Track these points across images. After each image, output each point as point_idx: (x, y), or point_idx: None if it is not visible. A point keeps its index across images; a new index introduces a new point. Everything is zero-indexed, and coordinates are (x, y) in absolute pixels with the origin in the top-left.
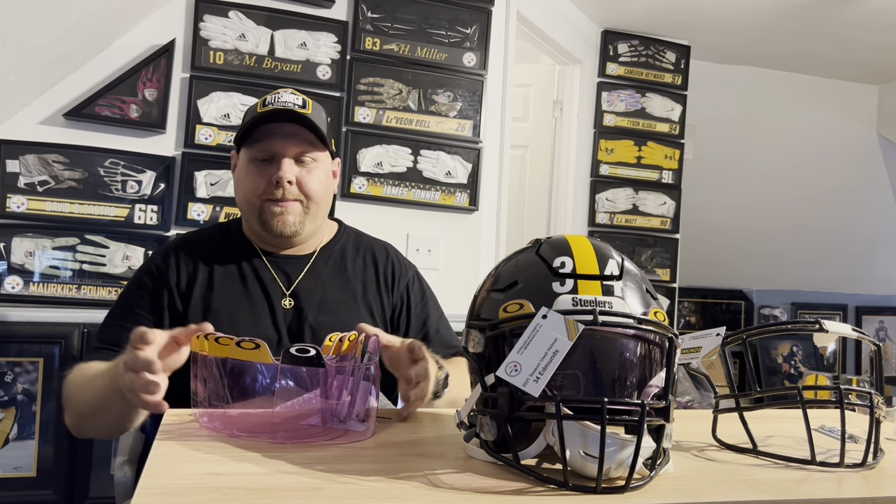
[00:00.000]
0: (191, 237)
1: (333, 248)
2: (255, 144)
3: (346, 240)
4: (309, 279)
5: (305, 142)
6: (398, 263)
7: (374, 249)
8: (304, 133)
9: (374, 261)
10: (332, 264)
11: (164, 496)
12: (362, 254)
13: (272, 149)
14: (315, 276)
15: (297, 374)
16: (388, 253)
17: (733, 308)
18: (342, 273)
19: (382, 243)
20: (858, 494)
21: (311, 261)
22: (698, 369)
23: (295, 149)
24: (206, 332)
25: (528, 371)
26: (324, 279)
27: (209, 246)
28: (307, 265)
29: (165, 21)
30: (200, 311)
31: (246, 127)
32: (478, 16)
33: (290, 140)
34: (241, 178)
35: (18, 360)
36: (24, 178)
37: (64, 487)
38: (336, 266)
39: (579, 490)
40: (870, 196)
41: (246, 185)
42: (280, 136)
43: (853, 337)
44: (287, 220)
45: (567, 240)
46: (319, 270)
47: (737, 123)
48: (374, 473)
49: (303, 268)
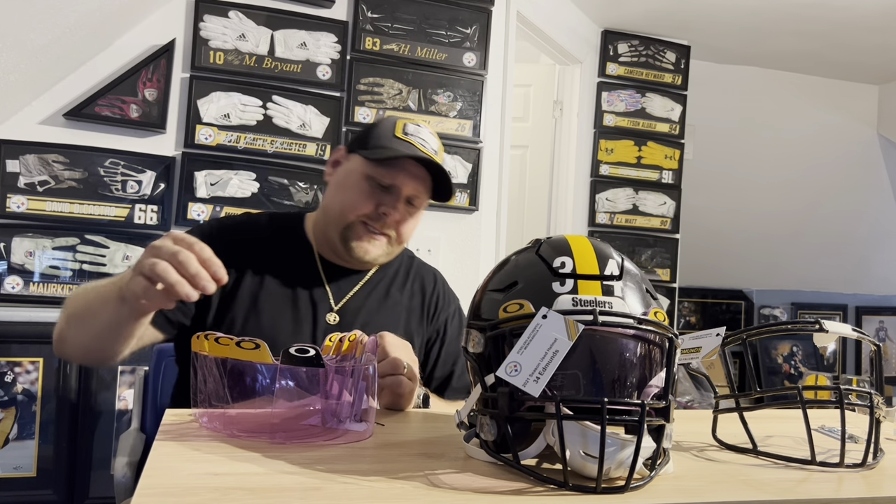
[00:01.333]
0: (252, 222)
1: (388, 269)
2: (381, 168)
3: (401, 263)
4: (358, 298)
5: (425, 188)
6: (443, 295)
7: (423, 277)
8: (427, 180)
9: (421, 289)
10: (382, 287)
11: (164, 496)
12: (412, 280)
13: (396, 181)
14: (365, 296)
15: (297, 374)
16: (437, 282)
17: (733, 308)
18: (391, 298)
19: (432, 271)
20: (858, 494)
21: (366, 279)
22: (698, 369)
23: (413, 191)
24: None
25: (528, 371)
26: (372, 301)
27: (268, 239)
28: (360, 283)
29: (165, 21)
30: (246, 306)
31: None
32: (478, 16)
33: (414, 181)
34: (347, 187)
35: (18, 360)
36: (24, 178)
37: (64, 487)
38: (386, 289)
39: (579, 490)
40: (870, 196)
41: (350, 197)
42: (408, 173)
43: (853, 337)
44: (370, 250)
45: (567, 240)
46: (371, 291)
47: (737, 123)
48: (374, 473)
49: (355, 284)
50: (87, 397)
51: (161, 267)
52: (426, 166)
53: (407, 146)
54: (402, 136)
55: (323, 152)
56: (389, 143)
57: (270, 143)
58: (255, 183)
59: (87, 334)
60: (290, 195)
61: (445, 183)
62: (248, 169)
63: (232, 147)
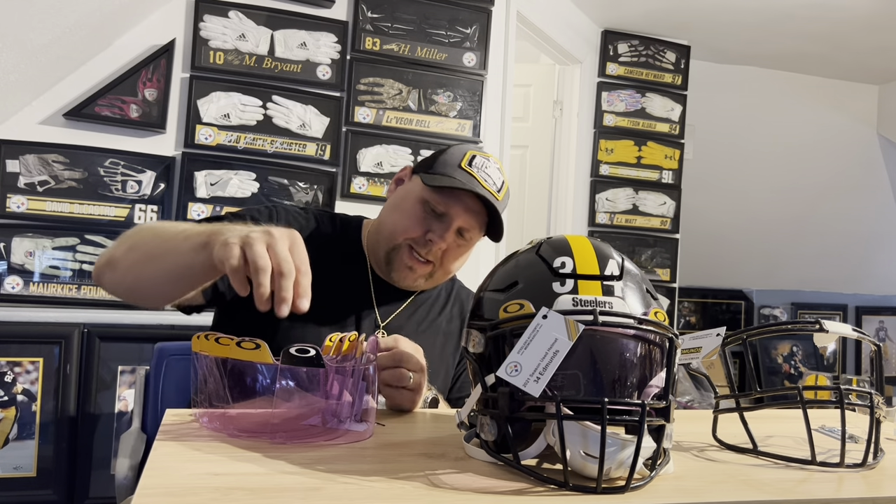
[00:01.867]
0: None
1: (432, 291)
2: (438, 195)
3: (443, 284)
4: (401, 318)
5: (479, 223)
6: None
7: (463, 301)
8: (483, 216)
9: (461, 313)
10: (424, 310)
11: (164, 496)
12: (451, 304)
13: (449, 210)
14: (407, 317)
15: (297, 374)
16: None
17: (733, 308)
18: (430, 320)
19: (471, 294)
20: (859, 494)
21: (410, 300)
22: (698, 369)
23: (466, 223)
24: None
25: (528, 371)
26: (412, 323)
27: (332, 242)
28: (405, 303)
29: (165, 21)
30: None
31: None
32: (478, 16)
33: (468, 214)
34: (402, 209)
35: (18, 360)
36: (24, 178)
37: (64, 487)
38: (427, 311)
39: (579, 490)
40: (870, 196)
41: (403, 219)
42: (464, 205)
43: (853, 337)
44: (411, 277)
45: (567, 240)
46: (413, 313)
47: (737, 123)
48: (374, 473)
49: (400, 304)
50: (88, 397)
51: (262, 263)
52: (484, 202)
53: (468, 179)
54: (467, 167)
55: (323, 152)
56: (452, 171)
57: (270, 143)
58: (254, 183)
59: (147, 267)
60: (290, 195)
61: (499, 223)
62: (248, 169)
63: (232, 147)
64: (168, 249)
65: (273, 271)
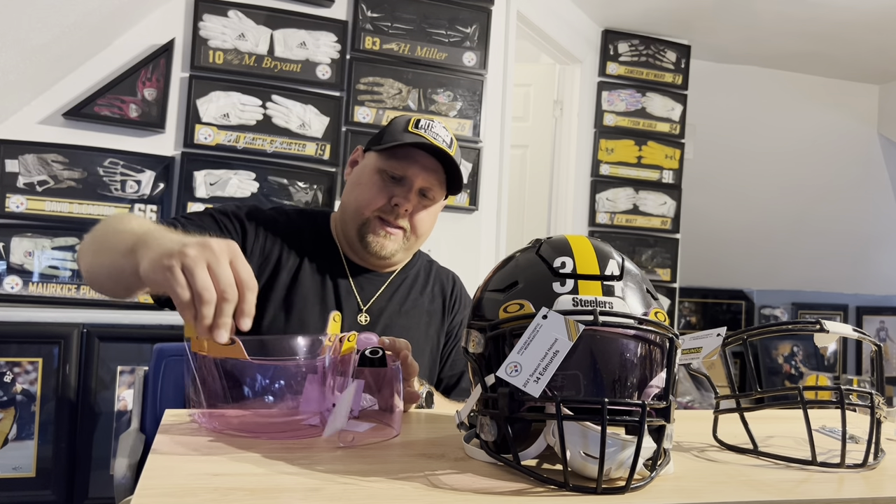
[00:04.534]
0: (288, 217)
1: (409, 272)
2: (393, 160)
3: (420, 265)
4: (382, 299)
5: (438, 180)
6: (460, 298)
7: (442, 280)
8: (440, 172)
9: (441, 291)
10: (404, 290)
11: (164, 496)
12: (432, 283)
13: (407, 173)
14: (388, 298)
15: (297, 374)
16: (455, 285)
17: (734, 308)
18: (412, 300)
19: (451, 274)
20: (859, 495)
21: (388, 281)
22: (699, 370)
23: (426, 182)
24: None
25: (528, 371)
26: (394, 304)
27: (302, 236)
28: (384, 285)
29: (165, 20)
30: (278, 303)
31: (390, 140)
32: (478, 15)
33: (426, 172)
34: (362, 184)
35: (18, 360)
36: (24, 177)
37: (63, 487)
38: (408, 291)
39: (580, 491)
40: (870, 196)
41: (365, 192)
42: (419, 164)
43: (854, 337)
44: (386, 245)
45: (567, 240)
46: (393, 293)
47: (737, 123)
48: (374, 474)
49: (379, 286)
50: (87, 397)
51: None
52: (439, 160)
53: (415, 137)
54: (414, 130)
55: (322, 152)
56: (401, 136)
57: (270, 142)
58: (254, 183)
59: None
60: (289, 195)
61: (457, 176)
62: (247, 169)
63: (231, 147)
64: (107, 247)
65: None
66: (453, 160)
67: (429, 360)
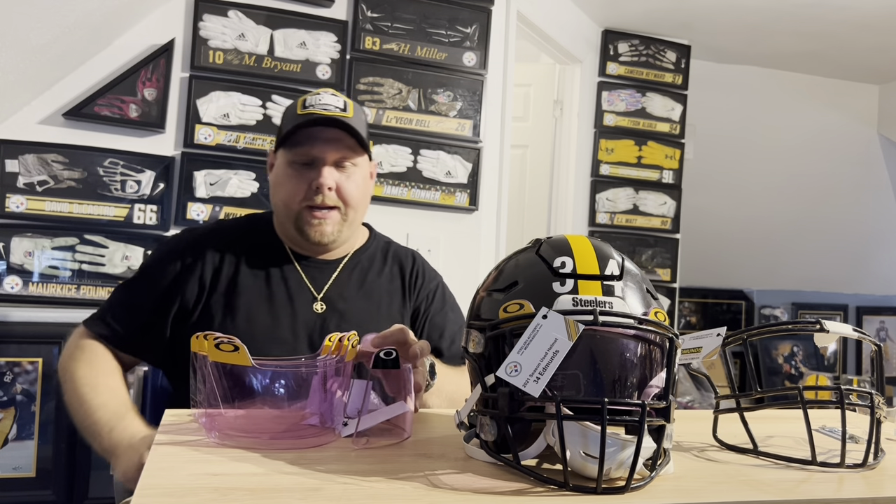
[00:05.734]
0: (224, 227)
1: (362, 255)
2: (296, 148)
3: (376, 247)
4: (338, 285)
5: (346, 147)
6: (422, 273)
7: (400, 259)
8: (345, 138)
9: (400, 270)
10: (359, 272)
11: (164, 496)
12: (389, 263)
13: (312, 153)
14: (343, 284)
15: (296, 375)
16: (415, 262)
17: (734, 308)
18: (369, 282)
19: (410, 252)
20: (859, 495)
21: (341, 267)
22: (699, 369)
23: (335, 154)
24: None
25: (528, 371)
26: (351, 288)
27: (240, 241)
28: (336, 270)
29: (165, 20)
30: (221, 307)
31: (286, 131)
32: (478, 15)
33: (330, 145)
34: (280, 182)
35: (18, 361)
36: (24, 177)
37: (63, 487)
38: (363, 274)
39: (579, 490)
40: (870, 196)
41: (285, 189)
42: (321, 140)
43: (854, 337)
44: (325, 229)
45: (567, 240)
46: (347, 277)
47: (737, 123)
48: (374, 473)
49: (332, 273)
50: None
51: None
52: (337, 127)
53: (305, 118)
54: (303, 110)
55: None
56: (295, 122)
57: (270, 142)
58: (254, 183)
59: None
60: None
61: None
62: (247, 169)
63: (231, 147)
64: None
65: None
66: (348, 123)
67: None
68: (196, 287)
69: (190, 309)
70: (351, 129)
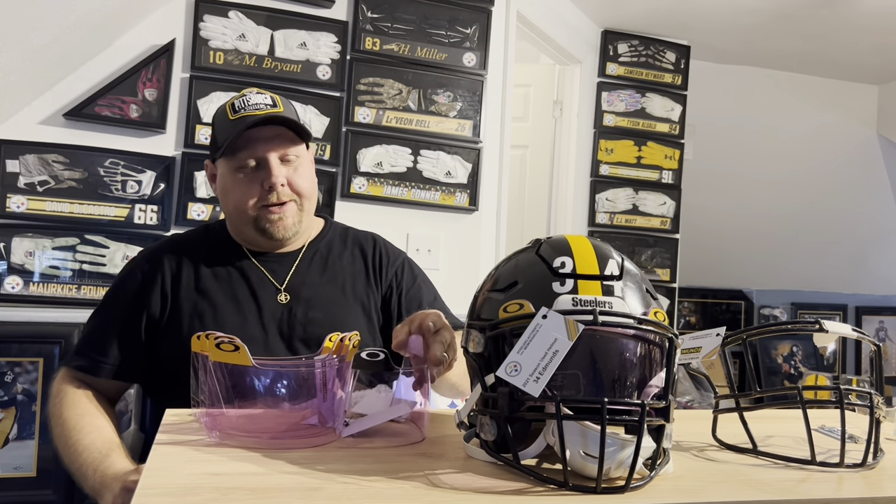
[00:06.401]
0: (178, 239)
1: (320, 243)
2: (239, 153)
3: (333, 234)
4: (299, 274)
5: (287, 141)
6: (385, 252)
7: (361, 242)
8: (283, 132)
9: (361, 253)
10: (318, 260)
11: (164, 496)
12: (349, 247)
13: (257, 155)
14: (305, 271)
15: (297, 375)
16: (376, 243)
17: (733, 308)
18: (331, 267)
19: (369, 234)
20: (858, 494)
21: (299, 257)
22: (698, 369)
23: (279, 150)
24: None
25: (528, 371)
26: (313, 274)
27: (196, 249)
28: (295, 262)
29: (165, 21)
30: (188, 314)
31: (223, 140)
32: (478, 16)
33: (272, 143)
34: (230, 189)
35: (18, 360)
36: (24, 178)
37: (64, 487)
38: (323, 261)
39: (579, 490)
40: (870, 196)
41: (237, 195)
42: (262, 141)
43: (853, 337)
44: (286, 223)
45: (567, 240)
46: (307, 267)
47: (737, 123)
48: (374, 473)
49: (292, 264)
50: None
51: None
52: (273, 124)
53: (240, 121)
54: (234, 116)
55: (323, 152)
56: (229, 131)
57: None
58: None
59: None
60: None
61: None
62: None
63: None
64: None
65: None
66: (283, 117)
67: (363, 318)
68: (159, 297)
69: (157, 319)
70: (288, 122)
